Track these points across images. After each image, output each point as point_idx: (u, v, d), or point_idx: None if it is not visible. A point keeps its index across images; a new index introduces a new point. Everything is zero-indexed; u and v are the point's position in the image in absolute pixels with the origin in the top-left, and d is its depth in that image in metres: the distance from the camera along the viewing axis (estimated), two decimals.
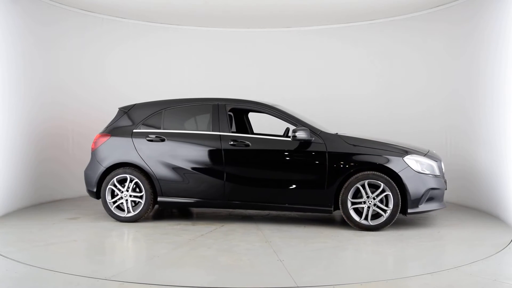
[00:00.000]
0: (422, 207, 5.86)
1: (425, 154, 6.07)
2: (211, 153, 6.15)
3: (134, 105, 6.64)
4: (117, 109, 6.71)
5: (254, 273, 4.30)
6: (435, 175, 5.98)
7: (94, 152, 6.49)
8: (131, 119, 6.49)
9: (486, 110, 7.00)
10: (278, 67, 9.58)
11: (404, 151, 5.93)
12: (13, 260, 4.57)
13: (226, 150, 6.10)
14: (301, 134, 5.92)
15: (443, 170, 6.53)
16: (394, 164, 5.81)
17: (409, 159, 5.85)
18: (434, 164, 6.04)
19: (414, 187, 5.78)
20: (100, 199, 6.38)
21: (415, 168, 5.83)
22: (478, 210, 7.21)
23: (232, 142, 6.10)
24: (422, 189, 5.80)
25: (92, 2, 8.04)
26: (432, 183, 5.90)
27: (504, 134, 6.44)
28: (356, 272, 4.33)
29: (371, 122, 8.95)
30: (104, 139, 6.45)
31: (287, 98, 8.87)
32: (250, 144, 6.09)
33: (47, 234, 5.70)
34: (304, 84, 9.46)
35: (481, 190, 7.16)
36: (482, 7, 7.17)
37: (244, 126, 7.35)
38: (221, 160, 6.10)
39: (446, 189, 6.23)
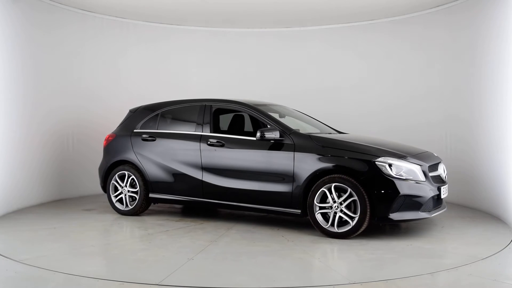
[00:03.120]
0: (395, 215, 5.22)
1: (405, 157, 5.41)
2: (192, 153, 6.30)
3: (140, 106, 7.10)
4: (128, 110, 7.25)
5: (142, 268, 4.36)
6: (417, 180, 5.31)
7: (103, 150, 7.11)
8: (136, 120, 6.96)
9: (487, 109, 6.76)
10: (278, 67, 9.41)
11: (377, 154, 5.37)
12: (13, 260, 4.64)
13: (203, 150, 6.21)
14: (268, 134, 5.77)
15: (444, 174, 5.81)
16: (362, 167, 5.31)
17: (381, 163, 5.28)
18: (416, 168, 5.36)
19: (384, 193, 5.21)
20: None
21: (387, 172, 5.24)
22: (478, 210, 7.01)
23: (209, 142, 6.18)
24: (393, 196, 5.19)
25: (92, 2, 8.02)
26: (409, 190, 5.24)
27: (505, 133, 6.12)
28: (241, 276, 4.12)
29: (372, 120, 8.67)
30: (111, 138, 7.03)
31: (287, 97, 8.71)
32: (225, 144, 6.11)
33: (41, 222, 6.35)
34: (304, 83, 9.25)
35: (481, 190, 6.92)
36: (483, 6, 6.89)
37: (258, 127, 7.29)
38: (199, 159, 6.22)
39: (441, 195, 5.51)
